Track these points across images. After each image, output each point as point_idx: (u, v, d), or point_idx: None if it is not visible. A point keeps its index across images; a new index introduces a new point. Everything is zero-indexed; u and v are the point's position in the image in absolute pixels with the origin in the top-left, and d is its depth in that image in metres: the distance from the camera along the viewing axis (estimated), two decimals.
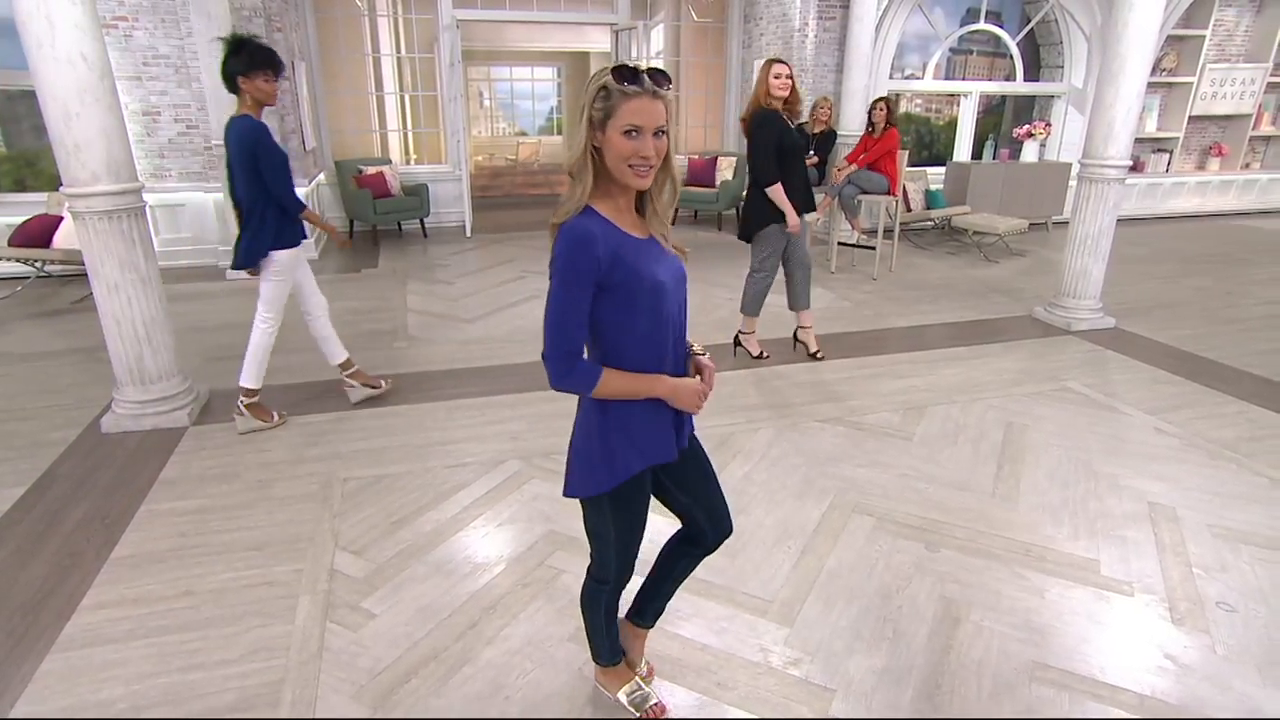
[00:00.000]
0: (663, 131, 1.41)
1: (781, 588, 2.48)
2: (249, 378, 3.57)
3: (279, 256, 3.45)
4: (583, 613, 1.90)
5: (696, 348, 1.69)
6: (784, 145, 4.10)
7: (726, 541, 1.87)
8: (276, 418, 3.66)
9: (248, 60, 3.18)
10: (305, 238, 3.57)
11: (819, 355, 4.54)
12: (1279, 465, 3.29)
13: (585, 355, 1.53)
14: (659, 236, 1.56)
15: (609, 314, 1.48)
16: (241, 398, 3.57)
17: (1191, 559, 2.64)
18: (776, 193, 4.12)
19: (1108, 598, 2.45)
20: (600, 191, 1.47)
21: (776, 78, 3.98)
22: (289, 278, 3.56)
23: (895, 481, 3.16)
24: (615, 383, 1.51)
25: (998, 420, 3.74)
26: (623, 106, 1.37)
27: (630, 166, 1.40)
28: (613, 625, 1.92)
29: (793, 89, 4.01)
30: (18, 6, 2.95)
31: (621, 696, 1.97)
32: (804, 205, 4.24)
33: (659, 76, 1.40)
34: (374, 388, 3.97)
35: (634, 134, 1.38)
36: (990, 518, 2.90)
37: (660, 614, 1.99)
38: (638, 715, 1.94)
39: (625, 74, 1.37)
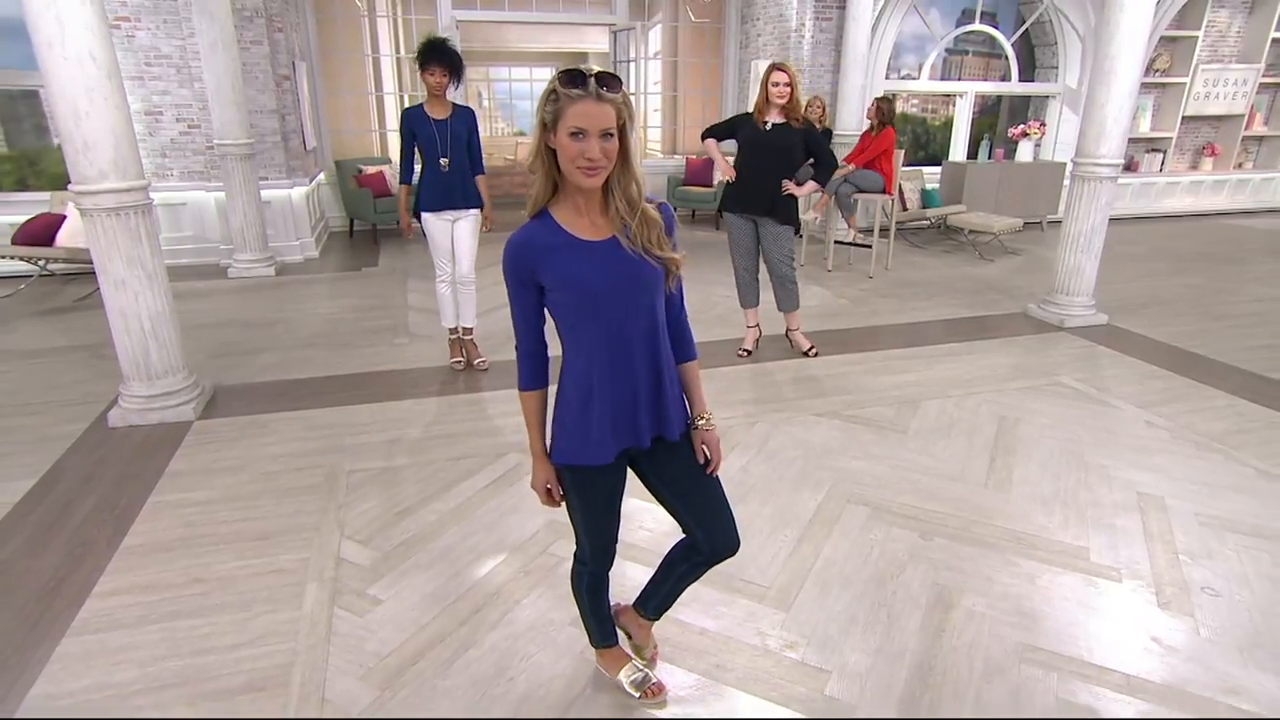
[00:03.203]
0: (610, 134, 1.44)
1: (779, 574, 2.54)
2: (443, 320, 4.41)
3: (424, 218, 4.13)
4: (573, 595, 1.98)
5: (702, 422, 1.73)
6: (738, 136, 4.32)
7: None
8: (459, 359, 4.38)
9: (420, 59, 3.85)
10: (447, 207, 4.10)
11: (811, 352, 4.60)
12: (1265, 456, 3.36)
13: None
14: (624, 238, 1.54)
15: (555, 314, 1.60)
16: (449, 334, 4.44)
17: (1178, 546, 2.71)
18: (708, 146, 4.47)
19: (1097, 583, 2.51)
20: (561, 192, 1.54)
21: (774, 85, 4.05)
22: (435, 237, 4.17)
23: (890, 473, 3.22)
24: (525, 409, 1.71)
25: (991, 414, 3.80)
26: (569, 110, 1.41)
27: (578, 167, 1.45)
28: (600, 608, 1.97)
29: (791, 96, 4.06)
30: (28, 6, 3.00)
31: (621, 678, 2.03)
32: (740, 203, 4.35)
33: (607, 80, 1.43)
34: (458, 359, 4.44)
35: (579, 136, 1.42)
36: (983, 508, 2.96)
37: (663, 610, 2.02)
38: (636, 695, 2.00)
39: (571, 78, 1.42)
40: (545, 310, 1.61)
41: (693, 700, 2.03)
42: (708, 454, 1.75)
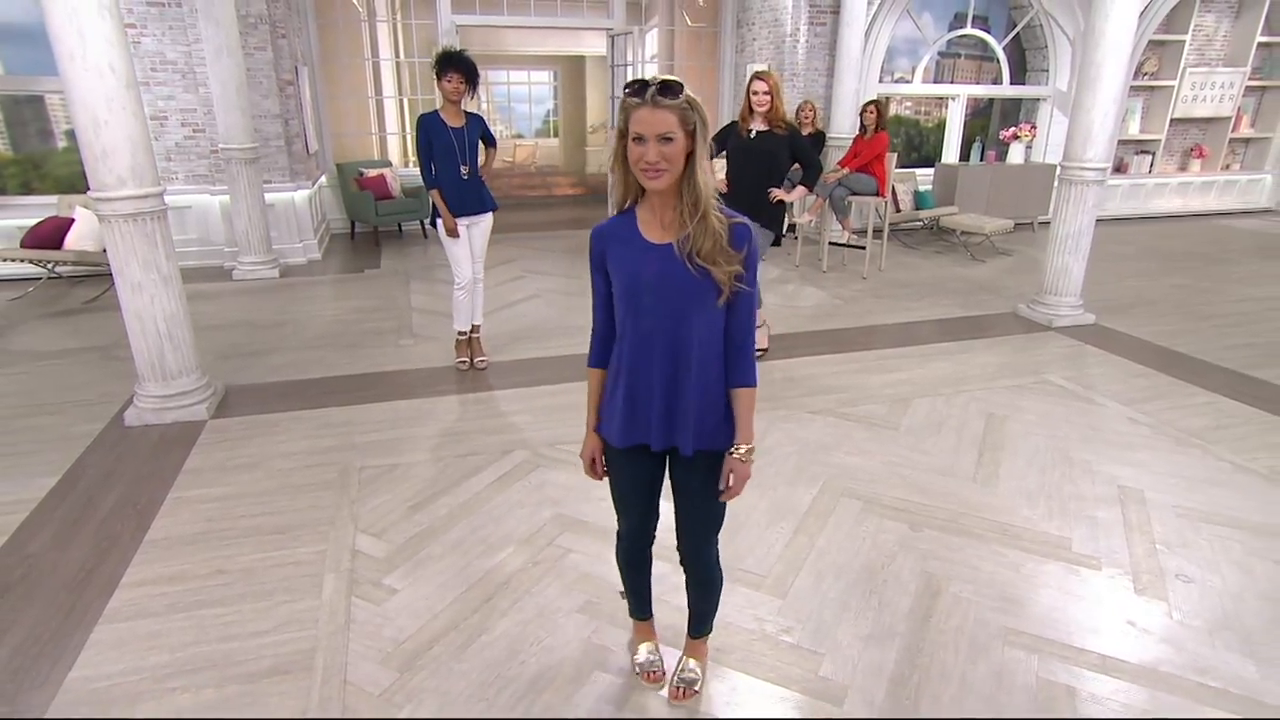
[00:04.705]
0: (669, 138, 1.52)
1: (775, 564, 2.67)
2: (456, 323, 4.52)
3: (438, 227, 4.23)
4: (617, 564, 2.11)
5: (733, 451, 1.75)
6: (726, 145, 4.43)
7: (723, 534, 1.95)
8: (464, 359, 4.49)
9: (437, 66, 3.96)
10: (465, 213, 4.21)
11: (760, 351, 4.69)
12: (1241, 451, 3.50)
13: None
14: (679, 244, 1.59)
15: (616, 301, 1.71)
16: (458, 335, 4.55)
17: (1155, 536, 2.84)
18: None
19: (1077, 571, 2.65)
20: (644, 194, 1.64)
21: (755, 94, 4.17)
22: (450, 245, 4.25)
23: (882, 468, 3.35)
24: (588, 383, 1.83)
25: (980, 411, 3.93)
26: (632, 116, 1.53)
27: (640, 170, 1.56)
28: (635, 584, 2.09)
29: (772, 104, 4.16)
30: (51, 20, 3.10)
31: (640, 652, 2.17)
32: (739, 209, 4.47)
33: (665, 88, 1.52)
34: (463, 359, 4.55)
35: (639, 141, 1.54)
36: (970, 500, 3.09)
37: (697, 623, 2.10)
38: (637, 673, 2.14)
39: (633, 89, 1.55)
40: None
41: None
42: (730, 481, 1.77)
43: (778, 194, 4.31)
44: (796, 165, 4.45)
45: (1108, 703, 2.07)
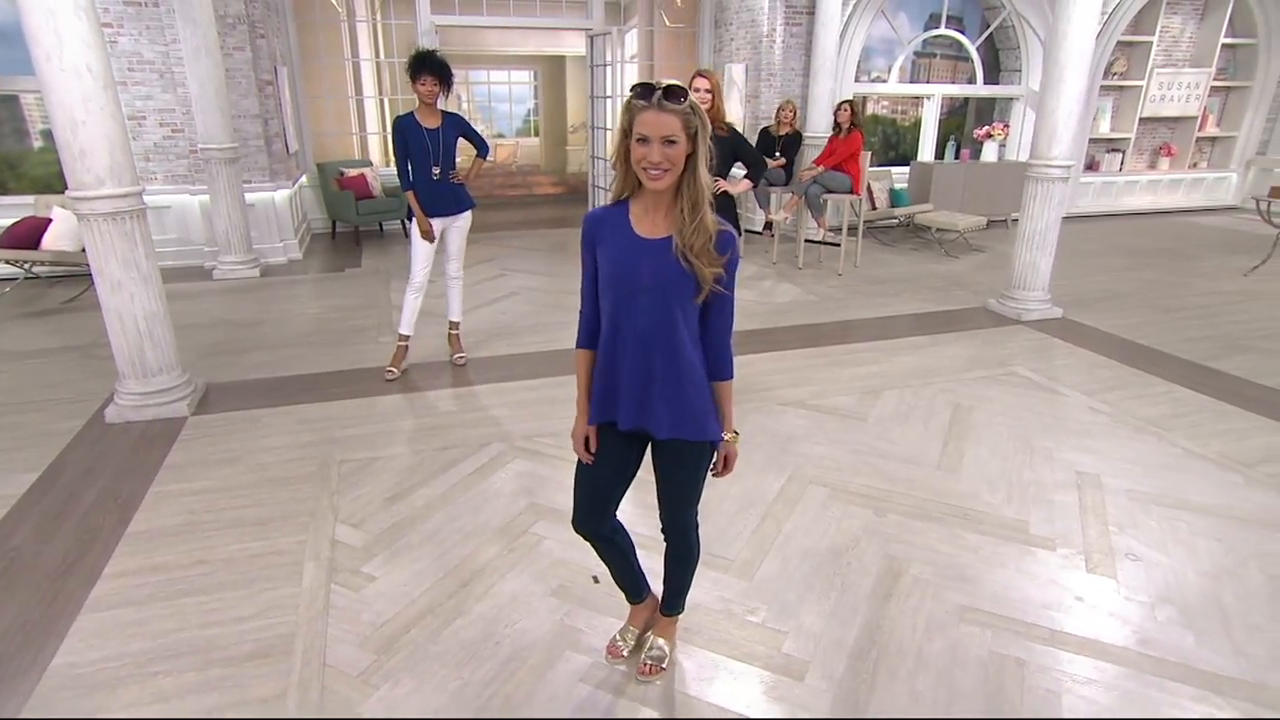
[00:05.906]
0: (673, 141, 1.60)
1: (743, 549, 2.76)
2: (400, 324, 4.44)
3: (412, 224, 4.29)
4: None
5: (728, 438, 1.93)
6: None
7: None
8: (394, 369, 4.37)
9: (411, 69, 3.99)
10: (439, 214, 4.26)
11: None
12: (1194, 437, 3.64)
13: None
14: (676, 238, 1.67)
15: (600, 286, 1.79)
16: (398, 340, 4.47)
17: (1109, 518, 2.96)
18: None
19: (1033, 552, 2.76)
20: (639, 191, 1.72)
21: (695, 91, 4.18)
22: (419, 244, 4.26)
23: (849, 457, 3.45)
24: (578, 366, 1.90)
25: (947, 402, 4.05)
26: (637, 118, 1.61)
27: (643, 169, 1.64)
28: (610, 570, 2.15)
29: (713, 102, 4.18)
30: (28, 21, 3.14)
31: (619, 631, 2.26)
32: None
33: (671, 93, 1.60)
34: (392, 370, 4.42)
35: (643, 141, 1.61)
36: (934, 487, 3.20)
37: (670, 599, 2.19)
38: (606, 644, 2.24)
39: (640, 91, 1.63)
40: None
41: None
42: (724, 464, 1.98)
43: (722, 185, 4.34)
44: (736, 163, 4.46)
45: (1053, 672, 2.18)
